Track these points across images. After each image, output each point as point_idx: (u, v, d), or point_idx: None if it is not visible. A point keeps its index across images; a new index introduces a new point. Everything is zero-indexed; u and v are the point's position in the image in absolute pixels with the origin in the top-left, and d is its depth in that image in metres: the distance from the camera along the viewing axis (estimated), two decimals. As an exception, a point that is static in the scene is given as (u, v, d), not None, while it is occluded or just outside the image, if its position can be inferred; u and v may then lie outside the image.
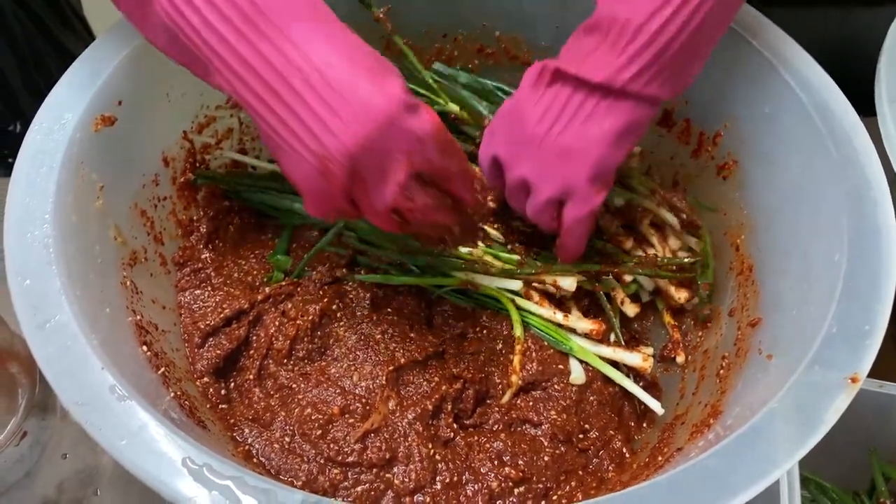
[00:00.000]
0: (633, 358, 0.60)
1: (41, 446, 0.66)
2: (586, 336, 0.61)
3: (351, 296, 0.63)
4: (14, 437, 0.64)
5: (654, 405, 0.59)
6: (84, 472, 0.65)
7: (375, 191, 0.48)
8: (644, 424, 0.62)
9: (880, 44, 0.67)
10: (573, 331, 0.62)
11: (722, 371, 0.58)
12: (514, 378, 0.60)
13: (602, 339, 0.61)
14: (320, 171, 0.46)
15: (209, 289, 0.63)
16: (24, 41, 0.99)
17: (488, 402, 0.60)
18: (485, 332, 0.62)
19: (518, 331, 0.61)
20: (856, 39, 0.89)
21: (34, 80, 1.02)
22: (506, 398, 0.60)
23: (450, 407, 0.58)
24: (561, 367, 0.60)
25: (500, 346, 0.62)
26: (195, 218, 0.66)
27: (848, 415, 0.43)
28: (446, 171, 0.50)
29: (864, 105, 0.62)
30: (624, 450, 0.59)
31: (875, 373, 0.56)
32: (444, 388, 0.58)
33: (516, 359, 0.60)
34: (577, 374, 0.60)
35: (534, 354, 0.60)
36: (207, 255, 0.65)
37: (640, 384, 0.61)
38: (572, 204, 0.56)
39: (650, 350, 0.62)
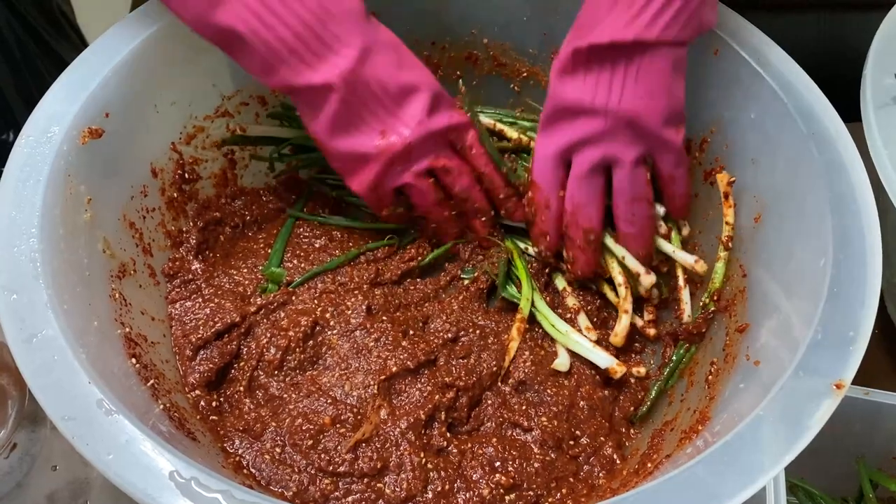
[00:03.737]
0: (601, 358, 0.61)
1: (31, 458, 0.66)
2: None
3: (347, 303, 0.63)
4: (4, 448, 0.64)
5: (602, 360, 0.60)
6: (74, 483, 0.65)
7: (419, 151, 0.61)
8: (633, 431, 0.62)
9: (868, 49, 0.67)
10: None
11: (710, 377, 0.58)
12: (512, 345, 0.62)
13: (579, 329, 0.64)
14: (384, 147, 0.59)
15: (200, 300, 0.63)
16: (18, 50, 0.99)
17: (483, 398, 0.61)
18: (477, 331, 0.63)
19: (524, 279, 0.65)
20: (844, 45, 0.90)
21: (28, 89, 1.03)
22: (506, 363, 0.62)
23: (443, 416, 0.58)
24: (552, 368, 0.61)
25: (492, 339, 0.63)
26: (185, 229, 0.66)
27: (835, 422, 0.43)
28: (465, 130, 0.63)
29: (852, 110, 0.62)
30: (615, 456, 0.59)
31: (862, 380, 0.57)
32: (436, 397, 0.58)
33: (514, 328, 0.63)
34: (562, 361, 0.61)
35: (527, 354, 0.61)
36: (197, 266, 0.65)
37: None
38: (662, 155, 0.59)
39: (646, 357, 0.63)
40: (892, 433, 0.64)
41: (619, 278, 0.63)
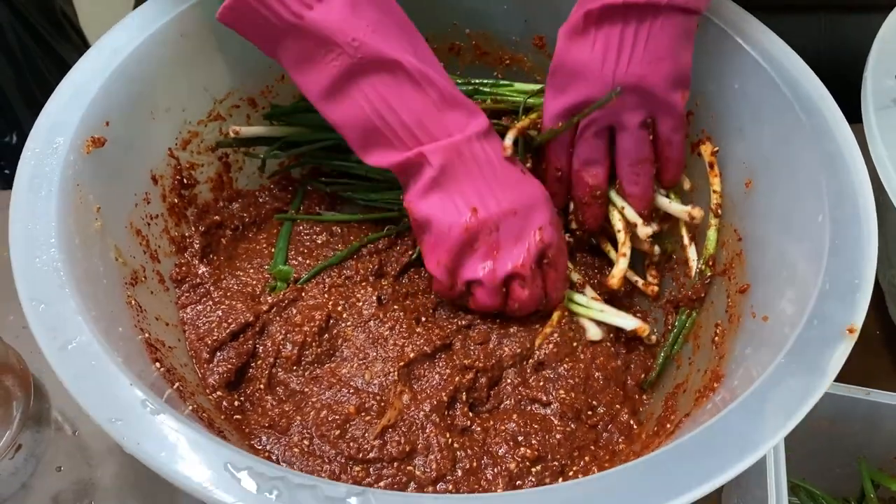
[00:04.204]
0: (628, 322, 0.63)
1: (36, 459, 0.65)
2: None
3: (357, 295, 0.64)
4: (9, 449, 0.63)
5: (629, 323, 0.63)
6: (79, 484, 0.65)
7: (506, 250, 0.59)
8: (645, 397, 0.64)
9: (868, 51, 0.69)
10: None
11: (717, 338, 0.60)
12: (547, 330, 0.63)
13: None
14: (469, 222, 0.57)
15: (210, 303, 0.63)
16: (21, 52, 0.99)
17: (503, 376, 0.62)
18: (497, 321, 0.64)
19: None
20: (844, 47, 0.91)
21: (31, 91, 1.02)
22: (536, 344, 0.63)
23: (464, 396, 0.60)
24: (574, 346, 0.63)
25: (515, 328, 0.63)
26: (187, 234, 0.66)
27: (836, 422, 0.45)
28: (560, 255, 0.61)
29: (853, 112, 0.63)
30: (631, 422, 0.61)
31: (863, 380, 0.60)
32: (456, 379, 0.60)
33: (556, 315, 0.64)
34: (594, 331, 0.64)
35: (556, 336, 0.62)
36: (204, 269, 0.65)
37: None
38: (663, 118, 0.60)
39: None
40: (892, 433, 0.64)
41: (618, 224, 0.65)
